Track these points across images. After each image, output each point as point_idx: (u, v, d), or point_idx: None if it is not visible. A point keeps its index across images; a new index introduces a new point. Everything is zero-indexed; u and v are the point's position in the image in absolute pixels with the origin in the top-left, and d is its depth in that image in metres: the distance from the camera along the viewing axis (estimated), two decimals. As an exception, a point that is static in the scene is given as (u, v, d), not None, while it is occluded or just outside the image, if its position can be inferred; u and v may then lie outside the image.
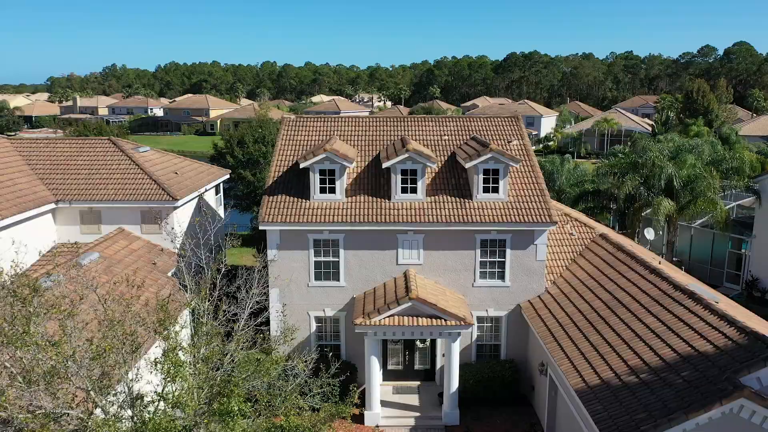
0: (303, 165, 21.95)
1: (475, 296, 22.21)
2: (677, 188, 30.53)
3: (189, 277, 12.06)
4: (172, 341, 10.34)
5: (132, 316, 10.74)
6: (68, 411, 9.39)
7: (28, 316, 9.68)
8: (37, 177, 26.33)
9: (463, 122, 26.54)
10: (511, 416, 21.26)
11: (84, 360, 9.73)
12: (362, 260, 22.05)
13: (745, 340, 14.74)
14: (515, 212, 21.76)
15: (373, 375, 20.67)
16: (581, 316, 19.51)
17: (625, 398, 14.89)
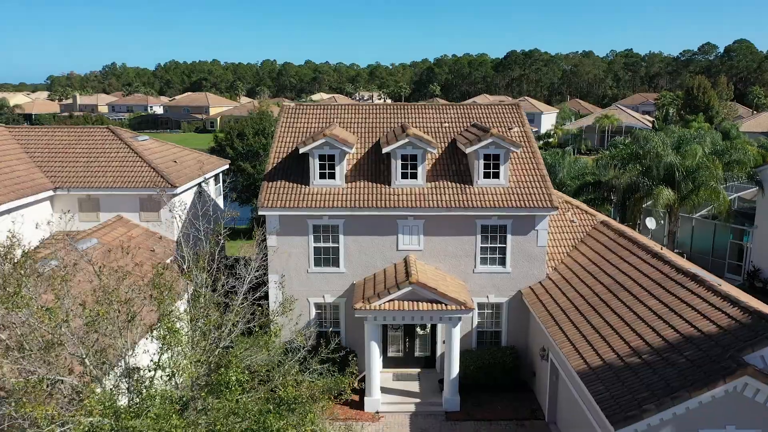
0: (303, 150, 21.81)
1: (475, 282, 22.07)
2: (679, 178, 30.37)
3: (188, 249, 11.92)
4: (167, 306, 10.20)
5: (128, 285, 10.60)
6: (63, 378, 9.26)
7: (20, 278, 9.55)
8: (35, 165, 26.20)
9: (463, 110, 26.40)
10: (512, 402, 21.12)
11: (78, 328, 9.59)
12: (362, 246, 21.91)
13: (748, 320, 14.60)
14: (516, 197, 21.62)
15: (373, 361, 20.53)
16: (583, 301, 19.37)
17: (627, 378, 14.75)
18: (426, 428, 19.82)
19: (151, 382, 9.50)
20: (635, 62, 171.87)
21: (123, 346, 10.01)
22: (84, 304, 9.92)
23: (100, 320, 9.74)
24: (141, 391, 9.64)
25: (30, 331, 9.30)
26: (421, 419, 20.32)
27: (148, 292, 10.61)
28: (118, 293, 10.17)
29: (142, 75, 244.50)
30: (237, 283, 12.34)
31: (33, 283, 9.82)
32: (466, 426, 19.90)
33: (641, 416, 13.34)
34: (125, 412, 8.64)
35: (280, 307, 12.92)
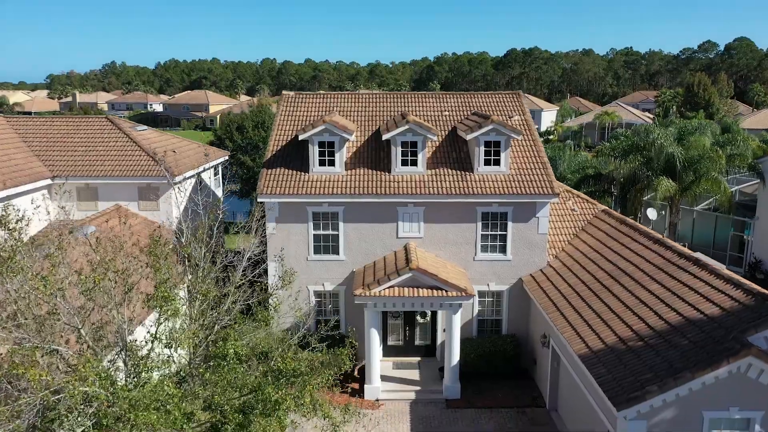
0: (302, 137, 21.67)
1: (476, 270, 21.93)
2: (680, 169, 30.20)
3: (186, 225, 11.79)
4: (163, 274, 10.08)
5: (125, 255, 10.47)
6: (57, 348, 9.13)
7: (15, 244, 9.41)
8: (33, 153, 26.05)
9: (463, 98, 26.26)
10: (513, 390, 20.98)
11: (73, 297, 9.46)
12: (362, 233, 21.77)
13: (752, 301, 14.47)
14: (517, 184, 21.48)
15: (372, 348, 20.39)
16: (584, 287, 19.23)
17: (629, 361, 14.62)
18: (427, 416, 19.68)
19: (148, 354, 9.36)
20: (635, 60, 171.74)
21: (120, 320, 9.88)
22: (80, 272, 9.81)
23: (96, 290, 9.62)
24: (138, 364, 9.51)
25: (24, 299, 9.15)
26: (422, 407, 20.19)
27: (144, 261, 10.49)
28: (115, 264, 10.04)
29: (142, 73, 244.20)
30: (236, 258, 12.22)
31: (27, 250, 9.69)
32: (466, 413, 19.76)
33: (644, 397, 13.22)
34: (122, 387, 8.50)
35: (280, 281, 12.78)
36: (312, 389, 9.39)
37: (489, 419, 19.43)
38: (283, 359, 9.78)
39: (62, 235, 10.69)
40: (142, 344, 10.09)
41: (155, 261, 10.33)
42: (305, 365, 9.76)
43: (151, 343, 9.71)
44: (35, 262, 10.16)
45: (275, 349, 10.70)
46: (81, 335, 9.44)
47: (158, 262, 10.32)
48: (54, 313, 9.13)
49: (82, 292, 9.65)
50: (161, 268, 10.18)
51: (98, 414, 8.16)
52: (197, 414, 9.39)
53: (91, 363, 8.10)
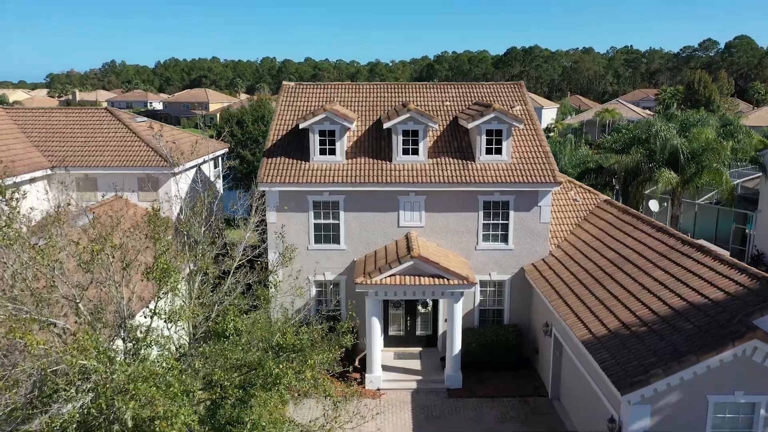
0: (302, 125, 21.55)
1: (477, 260, 21.80)
2: (683, 160, 30.04)
3: (184, 203, 11.65)
4: (163, 245, 9.96)
5: (123, 230, 10.36)
6: (55, 321, 9.01)
7: (11, 212, 9.29)
8: (32, 144, 25.93)
9: (465, 89, 26.13)
10: (515, 379, 20.86)
11: (71, 269, 9.35)
12: (363, 223, 21.64)
13: (756, 285, 14.34)
14: (519, 173, 21.36)
15: (374, 337, 20.27)
16: (586, 274, 19.10)
17: (633, 346, 14.50)
18: (428, 405, 19.56)
19: (148, 330, 9.25)
20: (635, 59, 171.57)
21: (119, 297, 9.77)
22: (78, 242, 9.69)
23: (94, 263, 9.51)
24: (137, 340, 9.38)
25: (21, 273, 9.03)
26: (423, 396, 20.07)
27: (143, 236, 10.36)
28: (113, 239, 9.94)
29: (141, 72, 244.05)
30: (236, 238, 12.12)
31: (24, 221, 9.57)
32: (468, 403, 19.64)
33: (648, 381, 13.10)
34: (121, 362, 8.38)
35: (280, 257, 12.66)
36: (313, 363, 9.28)
37: (491, 408, 19.31)
38: (283, 335, 9.67)
39: (60, 211, 10.59)
40: (141, 320, 9.98)
41: (154, 231, 10.23)
42: (306, 340, 9.66)
43: (150, 319, 9.59)
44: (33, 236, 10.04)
45: (275, 324, 10.60)
46: (79, 310, 9.32)
47: (157, 232, 10.21)
48: (52, 286, 9.01)
49: (79, 264, 9.55)
50: (160, 239, 10.07)
51: (97, 388, 8.05)
52: (197, 393, 9.27)
53: (89, 335, 7.98)
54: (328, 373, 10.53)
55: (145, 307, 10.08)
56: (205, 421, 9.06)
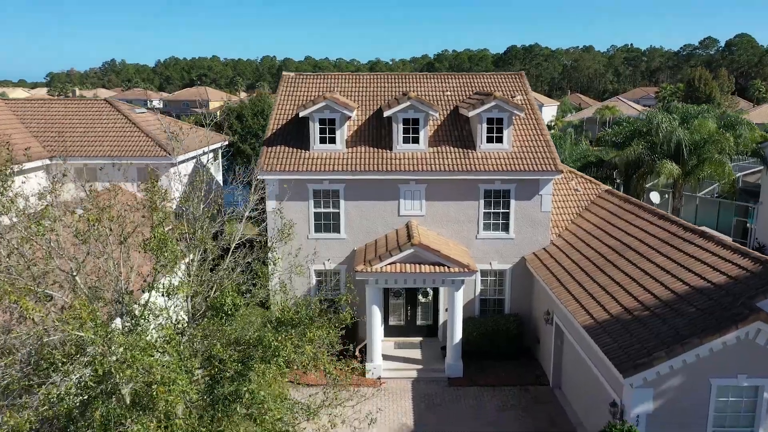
0: (303, 114, 21.45)
1: (478, 249, 21.69)
2: (686, 152, 29.91)
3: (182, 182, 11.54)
4: (159, 215, 9.88)
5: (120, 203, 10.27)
6: (51, 293, 8.90)
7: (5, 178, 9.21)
8: (31, 134, 25.83)
9: (465, 79, 26.03)
10: (516, 369, 20.76)
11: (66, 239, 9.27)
12: (363, 211, 21.54)
13: (759, 269, 14.25)
14: (520, 161, 21.26)
15: (374, 326, 20.17)
16: (588, 262, 19.00)
17: (635, 330, 14.40)
18: (429, 393, 19.46)
19: (145, 306, 9.14)
20: (635, 57, 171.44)
21: (116, 271, 9.68)
22: (74, 212, 9.61)
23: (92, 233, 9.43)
24: (135, 316, 9.28)
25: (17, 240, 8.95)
26: (424, 385, 19.97)
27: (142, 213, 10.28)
28: (110, 212, 9.86)
29: (141, 71, 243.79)
30: (235, 214, 12.04)
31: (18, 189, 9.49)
32: (469, 391, 19.54)
33: (651, 364, 13.01)
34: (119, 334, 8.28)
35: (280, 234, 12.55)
36: (312, 336, 9.18)
37: (492, 397, 19.21)
38: (282, 311, 9.59)
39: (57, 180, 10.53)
40: (139, 294, 9.92)
41: (151, 199, 10.14)
42: (305, 314, 9.57)
43: (148, 293, 9.49)
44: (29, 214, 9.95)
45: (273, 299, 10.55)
46: (76, 284, 9.23)
47: (154, 200, 10.13)
48: (49, 257, 8.92)
49: (76, 235, 9.47)
50: (158, 209, 9.98)
51: (94, 361, 7.95)
52: (195, 371, 9.17)
53: (86, 306, 7.89)
54: (328, 353, 10.42)
55: (143, 282, 9.98)
56: (204, 398, 8.96)
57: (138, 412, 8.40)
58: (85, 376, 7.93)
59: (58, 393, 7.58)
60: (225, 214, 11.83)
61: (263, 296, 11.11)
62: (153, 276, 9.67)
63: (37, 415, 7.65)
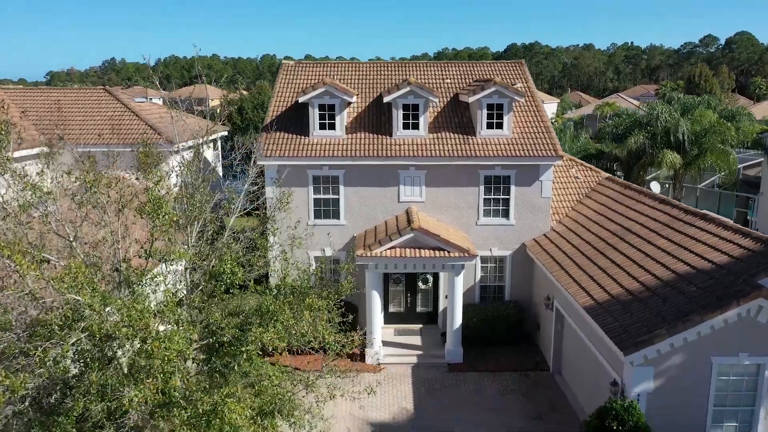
0: (302, 99, 21.39)
1: (478, 235, 21.62)
2: (687, 142, 29.85)
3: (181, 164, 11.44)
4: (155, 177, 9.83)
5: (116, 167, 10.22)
6: (50, 258, 8.84)
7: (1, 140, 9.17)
8: (29, 122, 25.75)
9: (466, 67, 25.95)
10: (516, 355, 20.70)
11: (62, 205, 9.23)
12: (363, 198, 21.47)
13: (761, 248, 14.18)
14: (520, 147, 21.20)
15: (374, 311, 20.10)
16: (588, 246, 18.94)
17: (636, 309, 14.34)
18: (429, 378, 19.40)
19: (142, 273, 9.08)
20: (636, 55, 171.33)
21: (113, 238, 9.62)
22: (70, 173, 9.58)
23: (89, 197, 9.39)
24: (131, 283, 9.22)
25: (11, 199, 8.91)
26: (424, 370, 19.90)
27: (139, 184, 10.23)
28: (107, 177, 9.81)
29: (142, 70, 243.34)
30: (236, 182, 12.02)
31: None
32: (469, 376, 19.48)
33: (652, 341, 12.93)
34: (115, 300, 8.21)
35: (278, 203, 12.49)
36: (311, 302, 9.11)
37: (492, 382, 19.15)
38: (282, 278, 9.53)
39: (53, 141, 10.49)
40: (137, 262, 9.86)
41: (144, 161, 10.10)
42: (305, 282, 9.50)
43: (146, 260, 9.44)
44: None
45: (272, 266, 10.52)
46: (73, 249, 9.16)
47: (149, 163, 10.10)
48: (45, 223, 8.86)
49: (72, 198, 9.41)
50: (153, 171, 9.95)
51: (91, 327, 7.89)
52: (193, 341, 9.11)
53: (83, 269, 7.82)
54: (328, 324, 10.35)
55: (140, 248, 9.92)
56: (202, 368, 8.91)
57: (135, 379, 8.34)
58: (81, 341, 7.86)
59: (55, 356, 7.51)
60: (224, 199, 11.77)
61: (262, 266, 11.06)
62: (150, 242, 9.61)
63: (33, 377, 7.59)
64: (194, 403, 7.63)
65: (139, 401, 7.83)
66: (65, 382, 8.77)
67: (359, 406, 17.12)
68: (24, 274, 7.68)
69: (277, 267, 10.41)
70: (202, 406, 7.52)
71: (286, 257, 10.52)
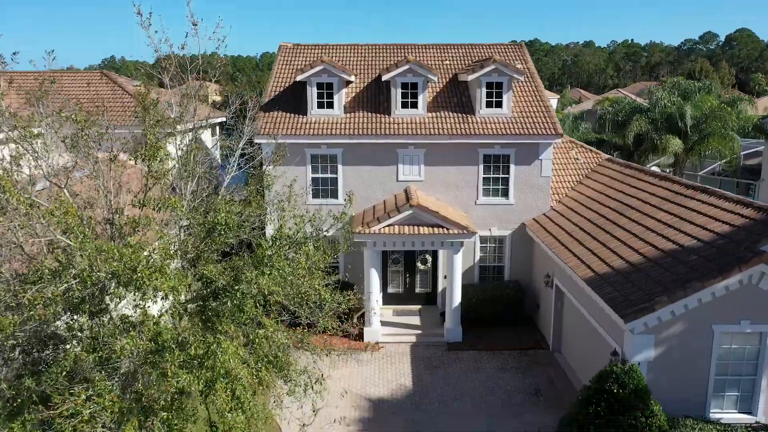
0: (300, 78, 21.24)
1: (477, 215, 21.47)
2: (689, 126, 29.68)
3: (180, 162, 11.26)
4: (152, 119, 9.69)
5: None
6: (40, 203, 8.68)
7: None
8: (27, 105, 25.58)
9: (465, 49, 25.78)
10: (515, 334, 20.55)
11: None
12: (361, 177, 21.32)
13: (763, 216, 14.03)
14: (519, 125, 21.06)
15: (372, 289, 19.96)
16: (589, 223, 18.79)
17: (637, 279, 14.19)
18: (427, 357, 19.25)
19: (135, 223, 8.93)
20: (636, 52, 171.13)
21: (105, 189, 9.49)
22: (61, 111, 9.48)
23: (80, 138, 9.29)
24: (124, 234, 9.07)
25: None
26: (423, 349, 19.76)
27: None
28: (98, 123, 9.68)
29: (142, 68, 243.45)
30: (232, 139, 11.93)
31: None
32: (468, 354, 19.34)
33: (653, 308, 12.79)
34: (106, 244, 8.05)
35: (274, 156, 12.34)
36: (308, 250, 8.98)
37: (491, 359, 19.01)
38: (278, 229, 9.38)
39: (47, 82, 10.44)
40: (130, 211, 9.75)
41: (141, 101, 9.95)
42: (302, 231, 9.36)
43: (140, 208, 9.29)
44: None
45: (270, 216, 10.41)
46: (64, 196, 9.03)
47: (145, 105, 9.96)
48: (37, 167, 8.73)
49: (63, 141, 9.29)
50: (148, 111, 9.81)
51: (82, 274, 7.75)
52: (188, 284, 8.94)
53: (73, 210, 7.68)
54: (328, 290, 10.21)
55: (133, 197, 9.80)
56: (194, 320, 8.76)
57: (127, 331, 8.20)
58: (72, 288, 7.72)
59: (44, 299, 7.37)
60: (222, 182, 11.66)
61: (259, 216, 10.94)
62: (144, 192, 9.48)
63: (22, 319, 7.44)
64: (187, 348, 7.49)
65: (132, 349, 7.70)
66: (57, 335, 8.65)
67: (359, 380, 16.98)
68: (11, 198, 7.55)
69: (274, 217, 10.29)
70: (195, 350, 7.38)
71: (282, 206, 10.41)
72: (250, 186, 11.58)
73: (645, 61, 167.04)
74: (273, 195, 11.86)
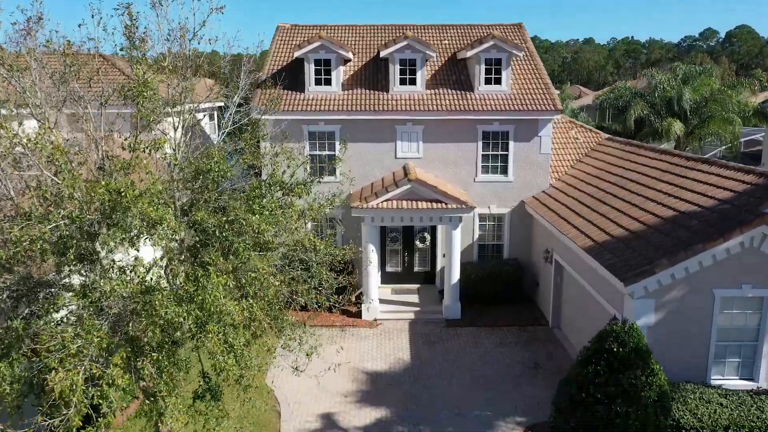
0: (297, 54, 21.09)
1: (476, 192, 21.31)
2: (689, 110, 29.54)
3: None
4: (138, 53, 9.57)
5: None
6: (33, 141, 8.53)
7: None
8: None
9: (464, 29, 25.62)
10: (515, 312, 20.40)
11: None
12: (359, 154, 21.16)
13: (765, 181, 13.87)
14: (519, 102, 20.91)
15: (370, 266, 19.79)
16: (589, 197, 18.63)
17: (637, 246, 14.04)
18: (426, 333, 19.10)
19: (126, 166, 8.79)
20: (635, 49, 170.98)
21: (97, 135, 9.33)
22: (49, 44, 9.37)
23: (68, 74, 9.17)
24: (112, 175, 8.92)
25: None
26: (421, 326, 19.61)
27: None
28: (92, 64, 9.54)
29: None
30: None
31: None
32: (467, 331, 19.19)
33: (653, 271, 12.63)
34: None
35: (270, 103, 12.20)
36: (301, 192, 8.82)
37: (489, 335, 18.86)
38: (272, 175, 9.24)
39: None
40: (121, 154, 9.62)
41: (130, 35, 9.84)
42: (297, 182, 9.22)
43: (131, 152, 9.16)
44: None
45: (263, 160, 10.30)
46: (56, 125, 8.90)
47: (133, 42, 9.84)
48: (21, 101, 8.60)
49: (51, 77, 9.15)
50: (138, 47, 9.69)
51: (72, 215, 7.60)
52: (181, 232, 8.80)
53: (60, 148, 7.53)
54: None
55: (124, 140, 9.67)
56: (187, 269, 8.61)
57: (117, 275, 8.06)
58: (61, 228, 7.56)
59: (31, 236, 7.22)
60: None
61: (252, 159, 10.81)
62: (135, 136, 9.33)
63: (8, 252, 7.29)
64: (177, 290, 7.35)
65: (121, 291, 7.54)
66: (47, 283, 8.50)
67: (357, 354, 16.83)
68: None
69: (267, 162, 10.15)
70: (185, 285, 7.23)
71: (276, 152, 10.26)
72: (245, 135, 11.46)
73: (645, 58, 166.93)
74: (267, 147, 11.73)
